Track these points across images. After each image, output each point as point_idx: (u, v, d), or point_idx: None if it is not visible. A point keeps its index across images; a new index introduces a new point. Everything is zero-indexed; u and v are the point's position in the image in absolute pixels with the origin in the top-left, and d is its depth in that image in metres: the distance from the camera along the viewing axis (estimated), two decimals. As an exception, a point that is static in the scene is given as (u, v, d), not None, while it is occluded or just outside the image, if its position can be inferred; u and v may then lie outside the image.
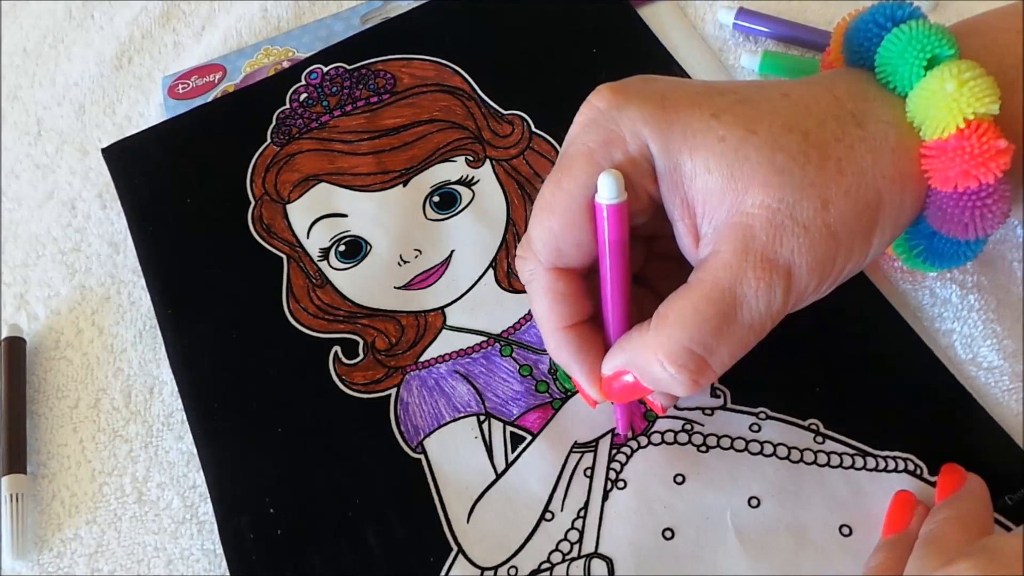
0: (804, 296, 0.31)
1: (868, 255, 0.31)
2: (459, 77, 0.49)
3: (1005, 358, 0.39)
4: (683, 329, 0.30)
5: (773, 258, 0.29)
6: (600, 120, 0.31)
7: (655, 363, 0.30)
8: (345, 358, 0.41)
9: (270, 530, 0.37)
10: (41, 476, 0.41)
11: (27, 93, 0.54)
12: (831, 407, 0.38)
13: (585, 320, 0.34)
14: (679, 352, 0.30)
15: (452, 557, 0.36)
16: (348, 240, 0.44)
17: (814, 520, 0.36)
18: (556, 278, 0.33)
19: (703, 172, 0.30)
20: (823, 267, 0.30)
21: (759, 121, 0.30)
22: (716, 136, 0.30)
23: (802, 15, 0.49)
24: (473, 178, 0.45)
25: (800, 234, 0.29)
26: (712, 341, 0.30)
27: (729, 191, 0.30)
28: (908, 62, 0.31)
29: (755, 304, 0.30)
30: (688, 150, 0.30)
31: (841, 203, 0.30)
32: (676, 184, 0.31)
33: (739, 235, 0.29)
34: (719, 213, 0.30)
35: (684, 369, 0.30)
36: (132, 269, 0.46)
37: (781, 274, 0.29)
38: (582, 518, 0.36)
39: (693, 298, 0.30)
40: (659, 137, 0.30)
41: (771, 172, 0.29)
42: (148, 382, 0.43)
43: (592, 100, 0.32)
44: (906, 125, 0.31)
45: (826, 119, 0.31)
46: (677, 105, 0.31)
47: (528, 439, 0.38)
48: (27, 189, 0.50)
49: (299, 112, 0.48)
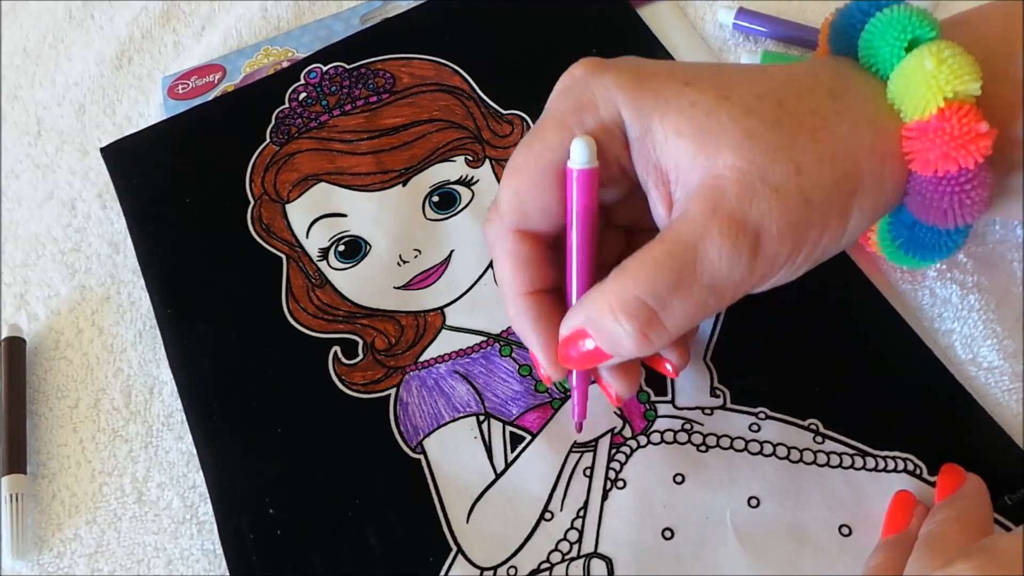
0: (774, 265, 0.30)
1: (846, 231, 0.31)
2: (458, 77, 0.49)
3: (1005, 358, 0.39)
4: (636, 279, 0.29)
5: (741, 219, 0.29)
6: (575, 87, 0.32)
7: (607, 314, 0.30)
8: (345, 358, 0.41)
9: (270, 530, 0.37)
10: (41, 476, 0.41)
11: (27, 93, 0.54)
12: (831, 407, 0.38)
13: (547, 290, 0.33)
14: (630, 301, 0.29)
15: (452, 557, 0.36)
16: (347, 240, 0.44)
17: (814, 520, 0.36)
18: (520, 241, 0.33)
19: (674, 136, 0.30)
20: (796, 233, 0.29)
21: (732, 89, 0.30)
22: (688, 101, 0.30)
23: (802, 15, 0.49)
24: (473, 178, 0.45)
25: (771, 196, 0.29)
26: (666, 294, 0.29)
27: (700, 155, 0.29)
28: (889, 44, 0.31)
29: (718, 263, 0.29)
30: (659, 115, 0.30)
31: (815, 169, 0.29)
32: (648, 150, 0.31)
33: (708, 195, 0.29)
34: (691, 178, 0.30)
35: (634, 319, 0.29)
36: (132, 269, 0.46)
37: (749, 235, 0.29)
38: (582, 518, 0.36)
39: (653, 251, 0.29)
40: (631, 103, 0.30)
41: (743, 135, 0.29)
42: (148, 382, 0.43)
43: (571, 69, 0.33)
44: (886, 105, 0.31)
45: (802, 92, 0.30)
46: (652, 74, 0.31)
47: (528, 439, 0.38)
48: (27, 189, 0.50)
49: (298, 111, 0.48)
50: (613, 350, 0.31)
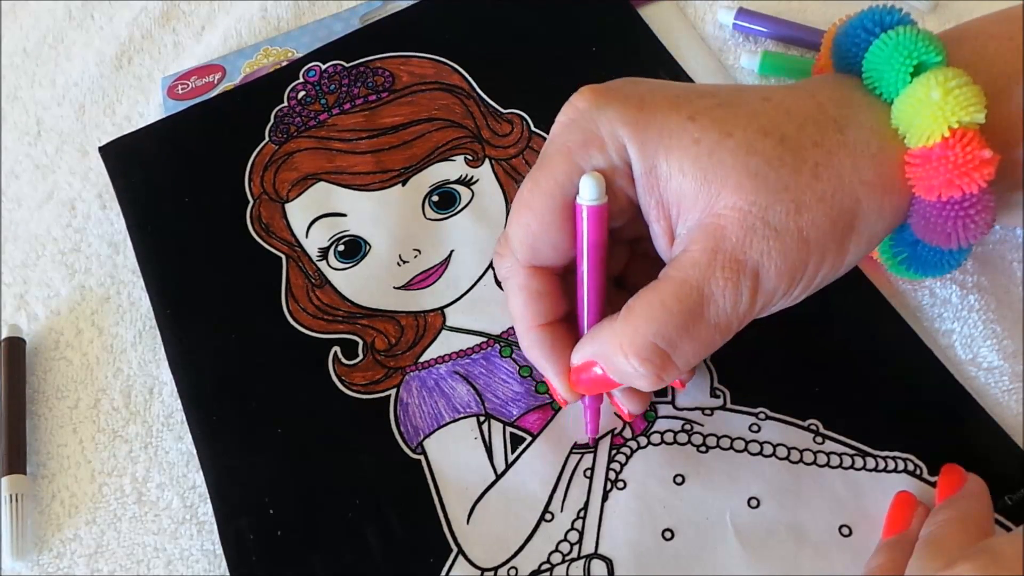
0: (772, 300, 0.31)
1: (844, 262, 0.31)
2: (458, 75, 0.49)
3: (1005, 358, 0.39)
4: (649, 323, 0.30)
5: (742, 259, 0.29)
6: (580, 121, 0.32)
7: (620, 355, 0.31)
8: (345, 358, 0.41)
9: (270, 531, 0.37)
10: (41, 476, 0.41)
11: (27, 93, 0.54)
12: (831, 407, 0.38)
13: (559, 319, 0.34)
14: (643, 346, 0.30)
15: (452, 558, 0.36)
16: (347, 240, 0.44)
17: (814, 520, 0.36)
18: (532, 276, 0.33)
19: (677, 174, 0.30)
20: (793, 271, 0.30)
21: (735, 124, 0.30)
22: (691, 138, 0.30)
23: (801, 15, 0.49)
24: (472, 177, 0.45)
25: (771, 237, 0.29)
26: (676, 337, 0.30)
27: (703, 193, 0.30)
28: (894, 68, 0.31)
29: (722, 303, 0.30)
30: (664, 152, 0.30)
31: (815, 208, 0.30)
32: (652, 186, 0.31)
33: (710, 235, 0.30)
34: (693, 214, 0.30)
35: (647, 363, 0.30)
36: (132, 269, 0.46)
37: (749, 275, 0.29)
38: (582, 519, 0.36)
39: (661, 294, 0.30)
40: (636, 139, 0.30)
41: (744, 175, 0.29)
42: (148, 382, 0.43)
43: (574, 100, 0.33)
44: (890, 132, 0.31)
45: (805, 123, 0.30)
46: (655, 107, 0.31)
47: (528, 440, 0.38)
48: (27, 189, 0.50)
49: (297, 110, 0.48)
50: (625, 383, 0.32)
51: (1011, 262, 0.41)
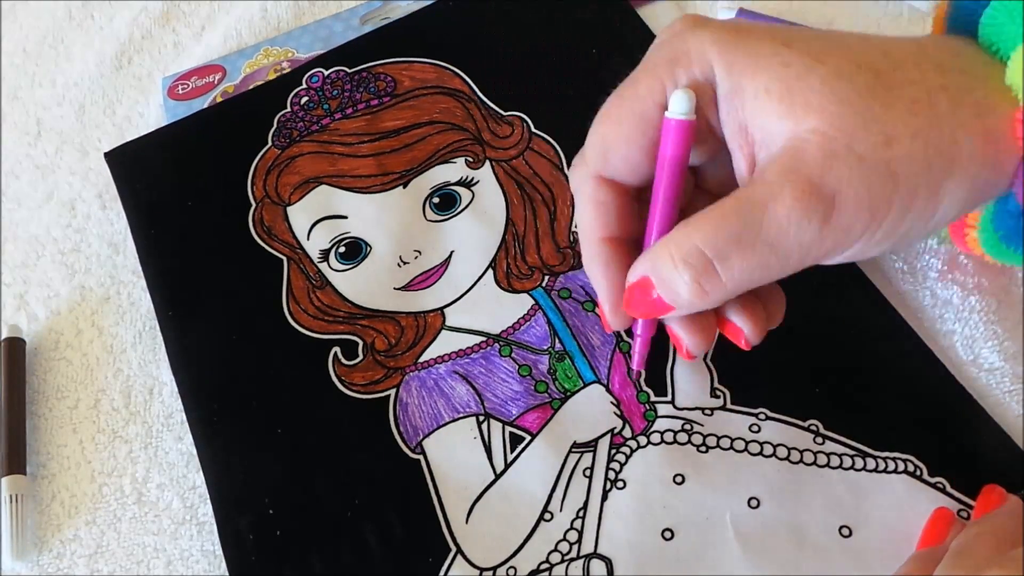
0: (849, 236, 0.28)
1: (936, 213, 0.29)
2: (459, 79, 0.49)
3: (1006, 359, 0.39)
4: (700, 230, 0.29)
5: (818, 183, 0.27)
6: (673, 40, 0.31)
7: (668, 261, 0.29)
8: (345, 359, 0.41)
9: (270, 531, 0.37)
10: (41, 477, 0.41)
11: (27, 93, 0.54)
12: (831, 408, 0.38)
13: (624, 238, 0.33)
14: (690, 251, 0.29)
15: (451, 557, 0.36)
16: (348, 241, 0.44)
17: (814, 521, 0.36)
18: (602, 187, 0.32)
19: (763, 95, 0.29)
20: (875, 207, 0.28)
21: (829, 54, 0.29)
22: (781, 61, 0.29)
23: (801, 16, 0.49)
24: (473, 179, 0.45)
25: (854, 164, 0.27)
26: (726, 248, 0.28)
27: (787, 116, 0.28)
28: (1016, 22, 0.28)
29: (785, 224, 0.28)
30: (751, 72, 0.29)
31: (908, 142, 0.27)
32: (736, 107, 0.30)
33: (787, 156, 0.28)
34: (775, 139, 0.29)
35: (690, 267, 0.29)
36: (132, 270, 0.46)
37: (823, 201, 0.27)
38: (581, 518, 0.36)
39: (723, 206, 0.29)
40: (724, 58, 0.29)
41: (832, 100, 0.28)
42: (148, 383, 0.43)
43: (672, 23, 0.31)
44: (1000, 87, 0.29)
45: (904, 63, 0.29)
46: (750, 32, 0.30)
47: (527, 439, 0.38)
48: (27, 189, 0.50)
49: (300, 115, 0.48)
50: (672, 299, 0.30)
51: (1011, 263, 0.41)
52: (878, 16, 0.49)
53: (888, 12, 0.49)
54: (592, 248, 0.33)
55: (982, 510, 0.34)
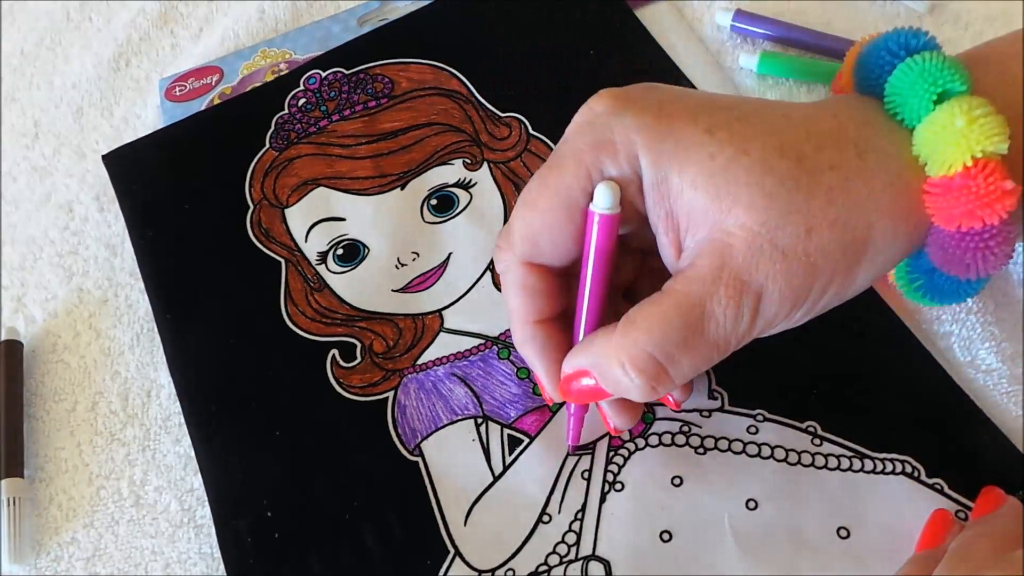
0: (774, 323, 0.31)
1: (851, 288, 0.31)
2: (456, 80, 0.49)
3: (1004, 361, 0.39)
4: (649, 335, 0.30)
5: (747, 279, 0.29)
6: (596, 124, 0.31)
7: (616, 365, 0.31)
8: (343, 361, 0.41)
9: (268, 533, 0.37)
10: (38, 480, 0.41)
11: (24, 95, 0.54)
12: (829, 409, 0.38)
13: (554, 318, 0.34)
14: (641, 356, 0.30)
15: (449, 559, 0.36)
16: (346, 243, 0.44)
17: (812, 522, 0.36)
18: (529, 273, 0.33)
19: (689, 188, 0.30)
20: (796, 296, 0.30)
21: (753, 140, 0.30)
22: (707, 153, 0.29)
23: (800, 17, 0.49)
24: (471, 181, 0.45)
25: (778, 260, 0.29)
26: (675, 351, 0.30)
27: (713, 209, 0.29)
28: (918, 95, 0.30)
29: (722, 321, 0.30)
30: (677, 164, 0.30)
31: (826, 233, 0.29)
32: (662, 196, 0.31)
33: (717, 252, 0.29)
34: (701, 229, 0.30)
35: (643, 374, 0.30)
36: (129, 272, 0.46)
37: (752, 296, 0.29)
38: (579, 520, 0.36)
39: (663, 307, 0.30)
40: (650, 148, 0.30)
41: (758, 195, 0.29)
42: (145, 385, 0.43)
43: (591, 103, 0.32)
44: (910, 159, 0.30)
45: (825, 145, 0.30)
46: (673, 117, 0.30)
47: (525, 442, 0.38)
48: (24, 191, 0.50)
49: (298, 117, 0.48)
50: (617, 394, 0.32)
51: (1010, 264, 0.41)
52: (875, 17, 0.49)
53: (886, 12, 0.49)
54: (525, 331, 0.34)
55: (981, 511, 0.34)
